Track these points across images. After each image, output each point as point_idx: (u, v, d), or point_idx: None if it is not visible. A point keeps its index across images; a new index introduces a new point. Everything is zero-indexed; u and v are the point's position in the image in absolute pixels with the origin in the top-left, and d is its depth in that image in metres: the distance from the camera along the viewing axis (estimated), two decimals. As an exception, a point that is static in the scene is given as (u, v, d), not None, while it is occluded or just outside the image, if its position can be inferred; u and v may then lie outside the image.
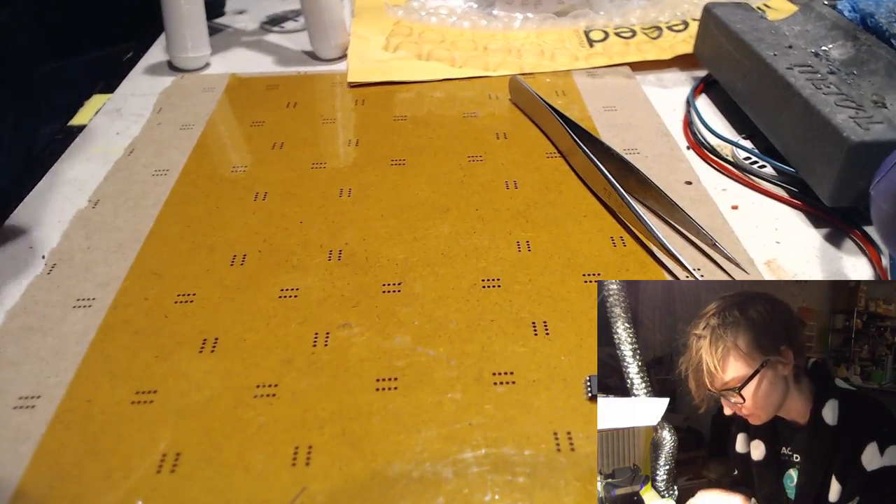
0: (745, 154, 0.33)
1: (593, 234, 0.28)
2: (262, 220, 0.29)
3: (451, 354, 0.23)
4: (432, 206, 0.30)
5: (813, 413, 0.18)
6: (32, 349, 0.23)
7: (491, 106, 0.38)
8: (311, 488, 0.19)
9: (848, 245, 0.28)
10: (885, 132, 0.26)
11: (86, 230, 0.28)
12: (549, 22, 0.46)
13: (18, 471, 0.19)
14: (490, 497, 0.19)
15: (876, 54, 0.33)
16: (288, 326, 0.24)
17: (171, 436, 0.20)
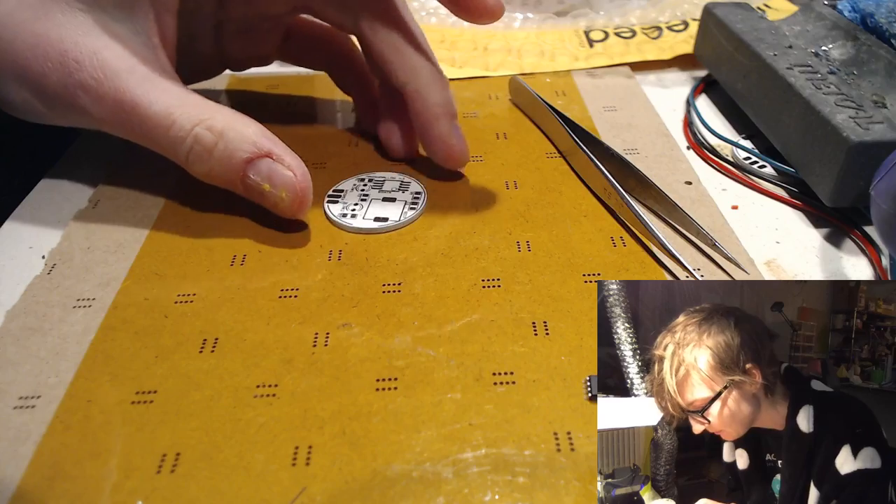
0: (745, 154, 0.33)
1: (593, 234, 0.28)
2: (262, 220, 0.29)
3: (451, 354, 0.23)
4: (432, 207, 0.30)
5: (788, 421, 0.17)
6: (32, 349, 0.23)
7: (491, 106, 0.38)
8: (311, 488, 0.19)
9: (848, 245, 0.28)
10: (885, 132, 0.27)
11: (86, 230, 0.28)
12: (549, 22, 0.46)
13: (18, 471, 0.19)
14: (490, 497, 0.19)
15: (876, 54, 0.33)
16: (288, 326, 0.24)
17: (171, 436, 0.20)
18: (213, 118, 0.25)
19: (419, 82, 0.29)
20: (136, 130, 0.26)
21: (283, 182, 0.26)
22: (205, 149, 0.25)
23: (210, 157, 0.25)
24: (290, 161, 0.26)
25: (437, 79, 0.30)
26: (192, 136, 0.25)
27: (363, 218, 0.28)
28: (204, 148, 0.25)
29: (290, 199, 0.26)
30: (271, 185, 0.26)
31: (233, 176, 0.26)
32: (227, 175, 0.26)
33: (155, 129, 0.25)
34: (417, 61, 0.29)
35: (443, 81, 0.30)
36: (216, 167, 0.26)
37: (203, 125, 0.25)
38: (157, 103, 0.25)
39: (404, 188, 0.30)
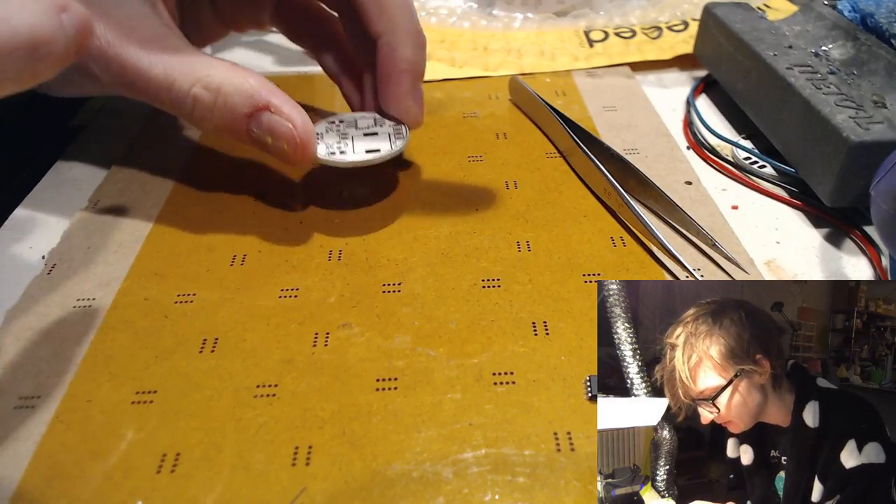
0: (745, 154, 0.33)
1: (593, 234, 0.28)
2: (262, 220, 0.29)
3: (451, 354, 0.23)
4: (432, 206, 0.30)
5: (794, 416, 0.18)
6: (32, 349, 0.23)
7: (491, 106, 0.38)
8: (311, 488, 0.19)
9: (848, 245, 0.28)
10: (885, 132, 0.27)
11: (86, 230, 0.28)
12: (549, 22, 0.46)
13: (18, 471, 0.20)
14: (490, 497, 0.19)
15: (876, 54, 0.33)
16: (288, 326, 0.24)
17: (171, 436, 0.20)
18: (209, 76, 0.25)
19: (394, 36, 0.28)
20: (143, 94, 0.25)
21: (283, 134, 0.25)
22: (205, 107, 0.25)
23: (212, 115, 0.25)
24: (288, 111, 0.25)
25: (414, 35, 0.28)
26: (191, 96, 0.25)
27: (353, 152, 0.27)
28: (204, 107, 0.25)
29: (292, 150, 0.26)
30: (273, 137, 0.25)
31: (237, 131, 0.26)
32: (231, 130, 0.26)
33: (157, 92, 0.25)
34: (397, 13, 0.28)
35: (419, 40, 0.29)
36: (219, 123, 0.25)
37: (200, 84, 0.25)
38: (156, 66, 0.25)
39: (380, 123, 0.29)
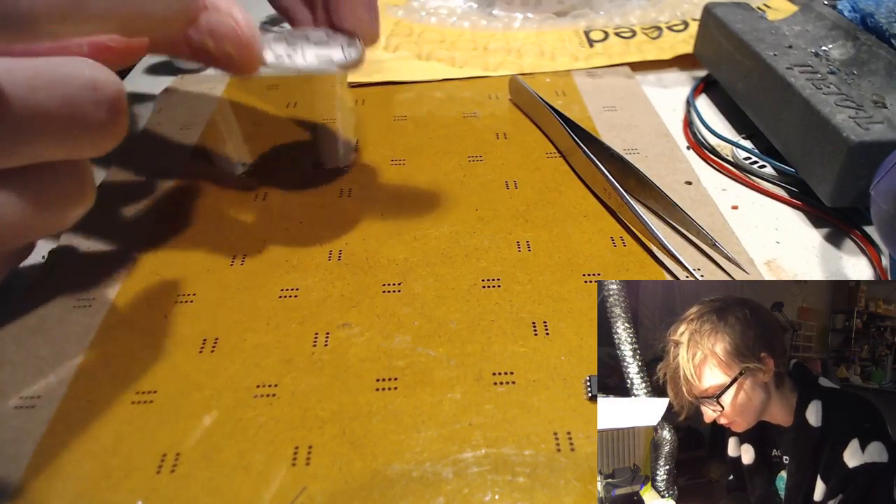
0: (745, 154, 0.33)
1: (593, 234, 0.28)
2: (262, 220, 0.29)
3: (451, 354, 0.23)
4: (432, 206, 0.30)
5: (797, 415, 0.18)
6: (32, 349, 0.23)
7: (491, 106, 0.38)
8: (311, 488, 0.19)
9: (848, 245, 0.28)
10: (885, 132, 0.26)
11: (86, 230, 0.28)
12: (549, 22, 0.46)
13: (18, 471, 0.20)
14: (490, 497, 0.19)
15: (876, 54, 0.33)
16: (288, 326, 0.24)
17: (171, 436, 0.20)
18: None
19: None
20: None
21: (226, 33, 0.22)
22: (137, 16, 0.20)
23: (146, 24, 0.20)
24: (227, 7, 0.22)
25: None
26: None
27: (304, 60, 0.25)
28: None
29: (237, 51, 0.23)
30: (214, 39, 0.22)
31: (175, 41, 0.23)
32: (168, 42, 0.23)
33: None
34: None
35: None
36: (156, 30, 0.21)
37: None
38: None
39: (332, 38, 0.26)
